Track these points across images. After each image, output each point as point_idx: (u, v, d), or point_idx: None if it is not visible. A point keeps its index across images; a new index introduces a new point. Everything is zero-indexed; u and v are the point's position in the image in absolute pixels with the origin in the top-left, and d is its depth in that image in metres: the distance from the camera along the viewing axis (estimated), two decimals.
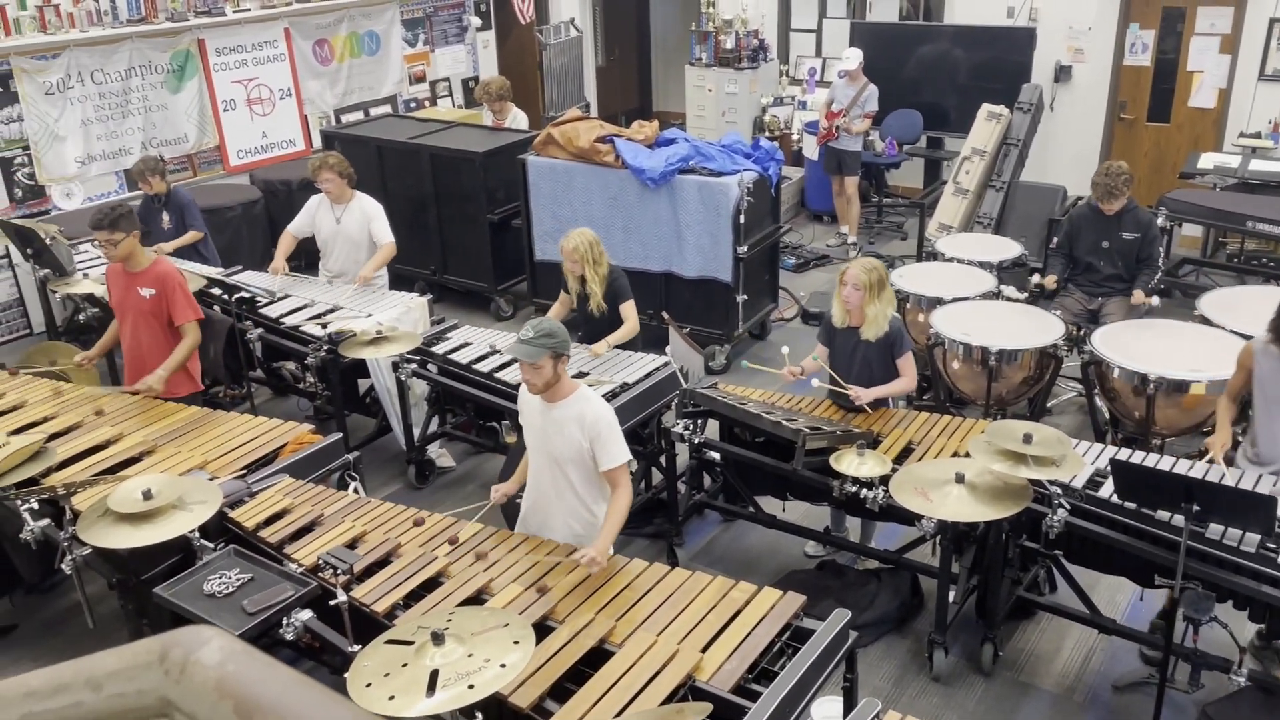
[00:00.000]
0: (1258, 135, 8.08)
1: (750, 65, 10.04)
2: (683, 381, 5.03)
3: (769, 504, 4.92)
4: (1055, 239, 6.10)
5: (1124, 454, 4.11)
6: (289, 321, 5.65)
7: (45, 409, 4.66)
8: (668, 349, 5.36)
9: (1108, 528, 3.82)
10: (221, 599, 3.34)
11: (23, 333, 7.64)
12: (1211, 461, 4.05)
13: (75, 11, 7.56)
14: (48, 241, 6.19)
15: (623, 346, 5.30)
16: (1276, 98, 8.09)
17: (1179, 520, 3.51)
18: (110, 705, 0.73)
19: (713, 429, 4.99)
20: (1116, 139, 9.06)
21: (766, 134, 9.95)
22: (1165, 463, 4.04)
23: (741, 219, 6.53)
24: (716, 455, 4.88)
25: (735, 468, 4.85)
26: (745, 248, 6.62)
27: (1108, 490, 3.87)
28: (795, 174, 9.70)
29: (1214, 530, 3.61)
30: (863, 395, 4.51)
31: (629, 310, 5.32)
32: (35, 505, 3.88)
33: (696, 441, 4.81)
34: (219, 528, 3.79)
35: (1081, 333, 5.60)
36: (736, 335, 6.90)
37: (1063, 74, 8.93)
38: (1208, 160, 7.83)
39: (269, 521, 3.82)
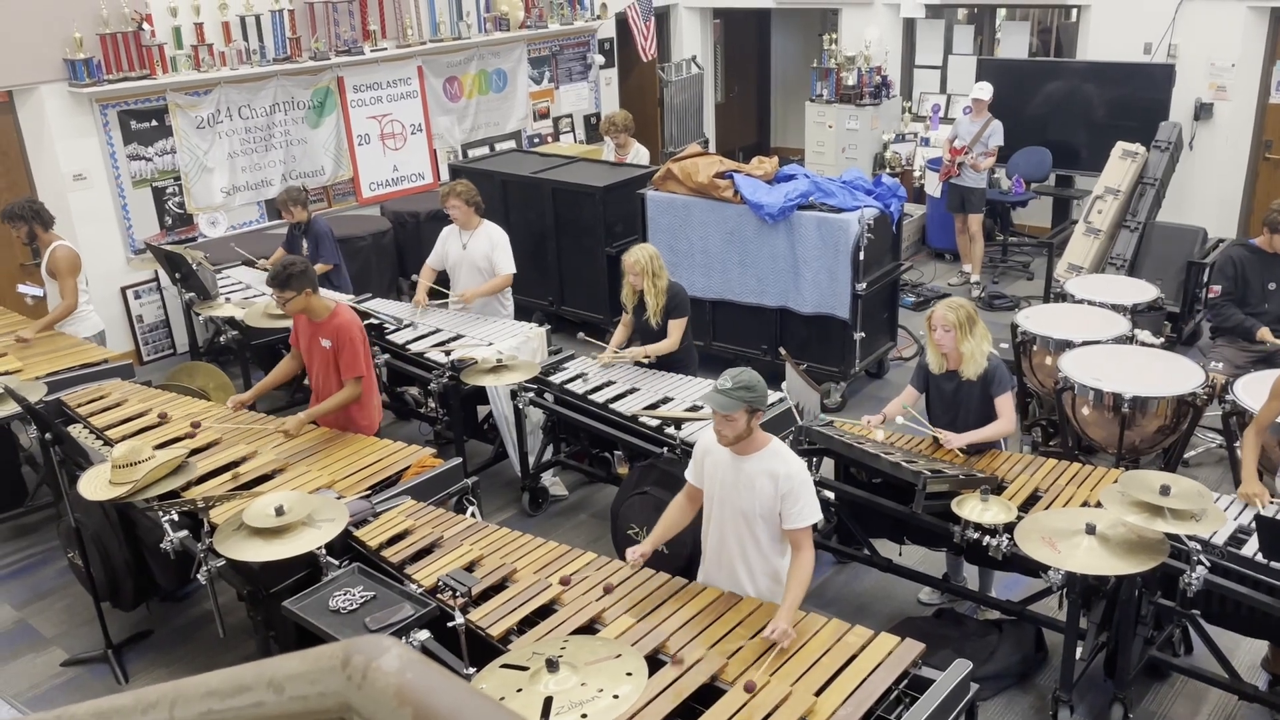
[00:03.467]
0: None
1: (872, 101, 9.96)
2: (798, 418, 4.98)
3: (884, 547, 4.81)
4: (1217, 288, 5.70)
5: (1270, 510, 3.87)
6: (414, 348, 5.84)
7: (188, 425, 4.90)
8: (784, 385, 5.32)
9: (1251, 588, 3.61)
10: (345, 615, 3.44)
11: (167, 352, 8.09)
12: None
13: (227, 50, 8.04)
14: (194, 266, 6.55)
15: (664, 365, 5.47)
16: None
17: None
18: (291, 707, 0.77)
19: (828, 467, 4.91)
20: (1261, 179, 8.64)
21: (888, 170, 9.83)
22: None
23: (861, 255, 6.46)
24: (831, 495, 4.80)
25: (850, 508, 4.76)
26: (864, 285, 6.54)
27: (1251, 548, 3.66)
28: (917, 211, 9.55)
29: None
30: (953, 440, 4.35)
31: (676, 328, 5.48)
32: (175, 517, 4.07)
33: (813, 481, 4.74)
34: (344, 546, 3.91)
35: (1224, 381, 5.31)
36: (853, 373, 6.80)
37: (1203, 111, 8.58)
38: None
39: (391, 542, 3.92)
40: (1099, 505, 3.77)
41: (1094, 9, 9.02)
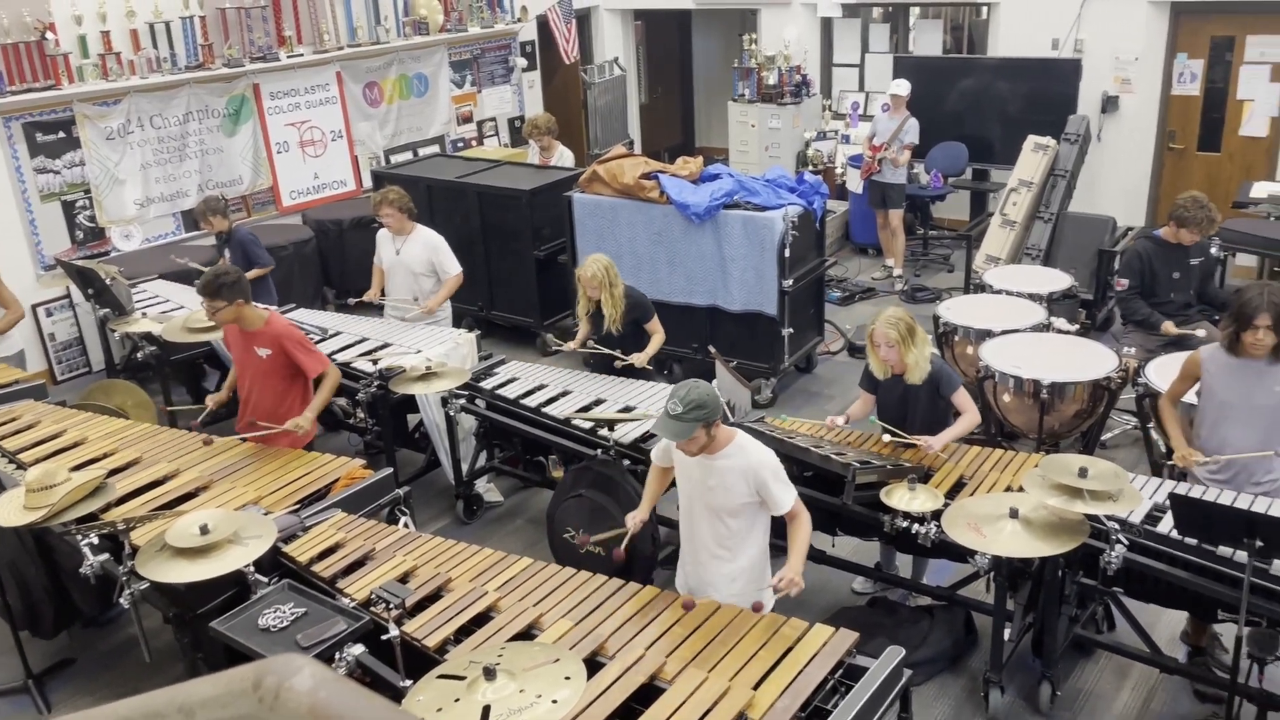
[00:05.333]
0: None
1: (793, 100, 10.09)
2: (730, 415, 5.01)
3: (818, 539, 4.87)
4: (1124, 282, 5.87)
5: (1183, 488, 4.02)
6: (340, 358, 5.74)
7: (105, 445, 4.76)
8: (714, 383, 5.35)
9: (1167, 564, 3.74)
10: (276, 633, 3.37)
11: (82, 371, 7.84)
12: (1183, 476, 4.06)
13: (136, 59, 7.82)
14: (108, 282, 6.36)
15: (641, 375, 5.47)
16: None
17: (1241, 556, 3.43)
18: None
19: None
20: (1166, 168, 8.96)
21: (810, 168, 9.97)
22: (1226, 497, 3.95)
23: (786, 253, 6.54)
24: None
25: None
26: (790, 281, 6.62)
27: (1167, 525, 3.79)
28: (839, 207, 9.70)
29: (1278, 566, 3.51)
30: (934, 444, 4.37)
31: (655, 325, 5.57)
32: (95, 540, 3.95)
33: None
34: (273, 562, 3.83)
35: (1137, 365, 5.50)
36: (783, 369, 6.88)
37: (1110, 105, 8.87)
38: (1261, 189, 7.71)
39: (322, 556, 3.85)
40: (1021, 490, 3.87)
41: (1003, 7, 9.26)
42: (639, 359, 5.42)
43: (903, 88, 8.52)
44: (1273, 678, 3.78)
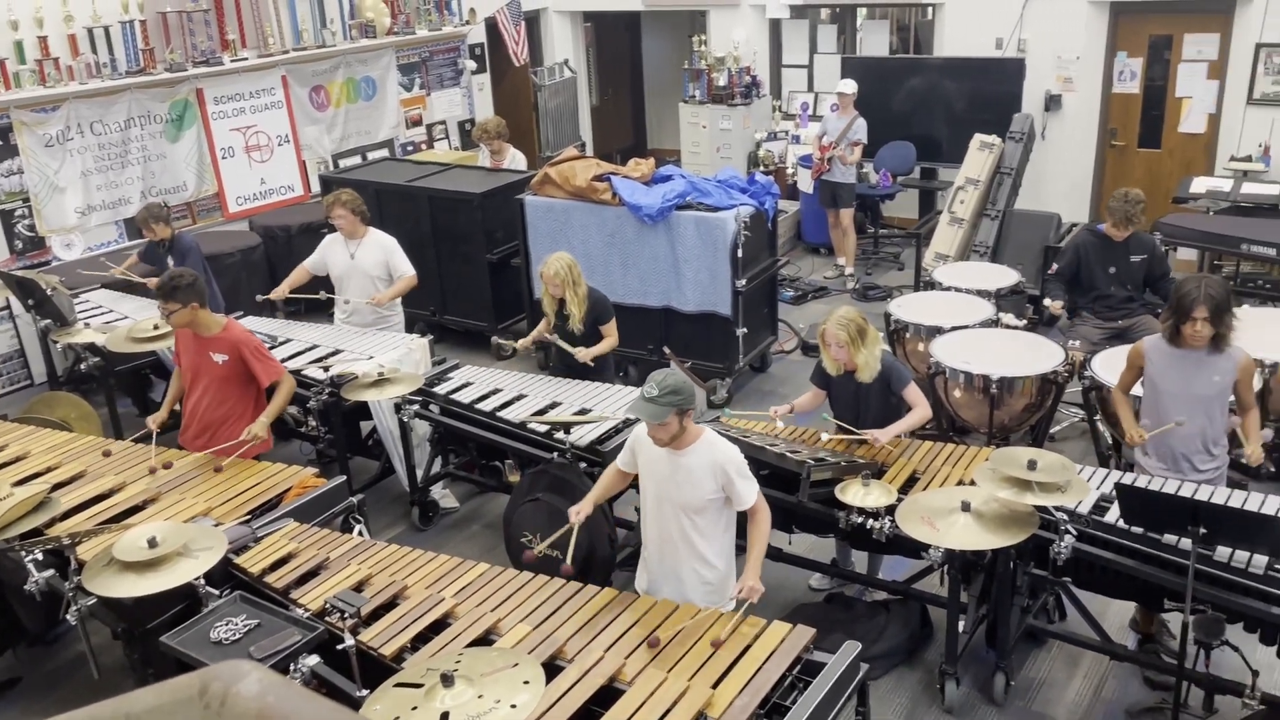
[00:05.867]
0: (1248, 159, 8.16)
1: (743, 101, 10.15)
2: None
3: (775, 537, 4.89)
4: (1055, 265, 6.08)
5: (1129, 478, 4.11)
6: (291, 365, 5.65)
7: (49, 459, 4.66)
8: None
9: (1115, 553, 3.81)
10: (228, 646, 3.32)
11: (24, 384, 7.65)
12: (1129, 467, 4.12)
13: (75, 64, 7.65)
14: (49, 292, 6.21)
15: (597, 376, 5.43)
16: (1265, 121, 8.17)
17: (1186, 544, 3.51)
18: None
19: None
20: (1109, 165, 9.14)
21: (761, 168, 10.03)
22: (1170, 486, 4.03)
23: (739, 253, 6.57)
24: None
25: None
26: (744, 281, 6.65)
27: (1114, 515, 3.87)
28: (791, 207, 9.77)
29: (1222, 553, 3.60)
30: (881, 437, 4.44)
31: (612, 328, 5.54)
32: (39, 556, 3.86)
33: None
34: (224, 574, 3.77)
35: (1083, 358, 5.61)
36: (737, 368, 6.92)
37: (1053, 103, 9.03)
38: (1200, 185, 7.90)
39: (274, 566, 3.80)
40: (973, 483, 3.93)
41: (948, 7, 9.39)
42: (583, 353, 5.39)
43: (849, 87, 8.61)
44: (1219, 663, 3.87)
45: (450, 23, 10.28)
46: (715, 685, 3.05)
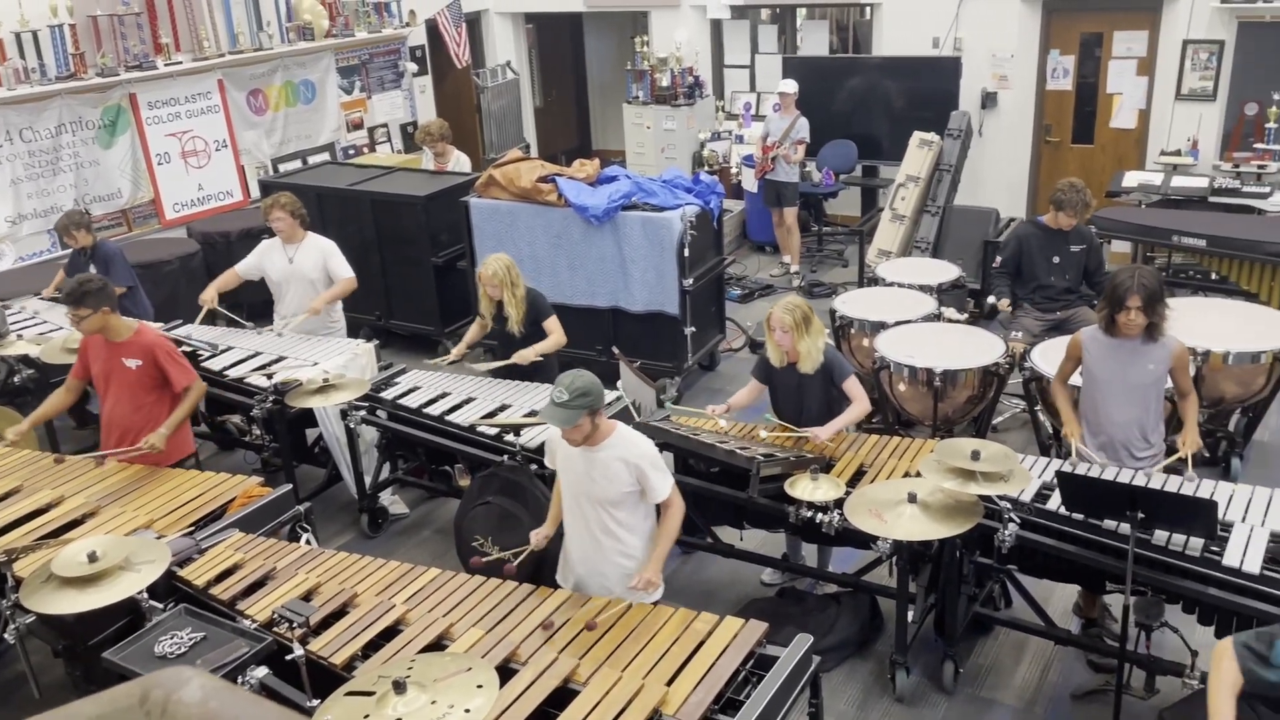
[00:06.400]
0: (1177, 153, 8.39)
1: (687, 102, 10.19)
2: (635, 415, 5.04)
3: (726, 534, 4.94)
4: (999, 258, 6.18)
5: (1069, 466, 4.20)
6: (233, 374, 5.58)
7: None
8: (619, 384, 5.37)
9: (1057, 539, 3.89)
10: (173, 660, 3.25)
11: None
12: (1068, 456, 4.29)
13: (2, 70, 7.45)
14: None
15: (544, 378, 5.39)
16: (1193, 116, 8.41)
17: (1125, 528, 3.59)
18: None
19: (667, 460, 4.99)
20: (1044, 160, 9.33)
21: (706, 168, 10.08)
22: (1109, 472, 4.13)
23: (686, 252, 6.60)
24: None
25: (692, 499, 4.83)
26: (691, 280, 6.68)
27: (1055, 502, 3.95)
28: (736, 206, 9.83)
29: (1160, 536, 3.69)
30: (821, 435, 4.50)
31: (553, 324, 5.48)
32: None
33: None
34: (168, 587, 3.70)
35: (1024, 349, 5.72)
36: (686, 367, 6.94)
37: (989, 100, 9.20)
38: (1132, 179, 8.11)
39: (220, 578, 3.74)
40: (918, 475, 3.99)
41: (885, 7, 9.52)
42: (524, 355, 5.35)
43: (791, 86, 8.68)
44: (1159, 644, 3.97)
45: (390, 25, 10.18)
46: (670, 682, 3.06)
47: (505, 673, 3.12)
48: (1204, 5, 8.15)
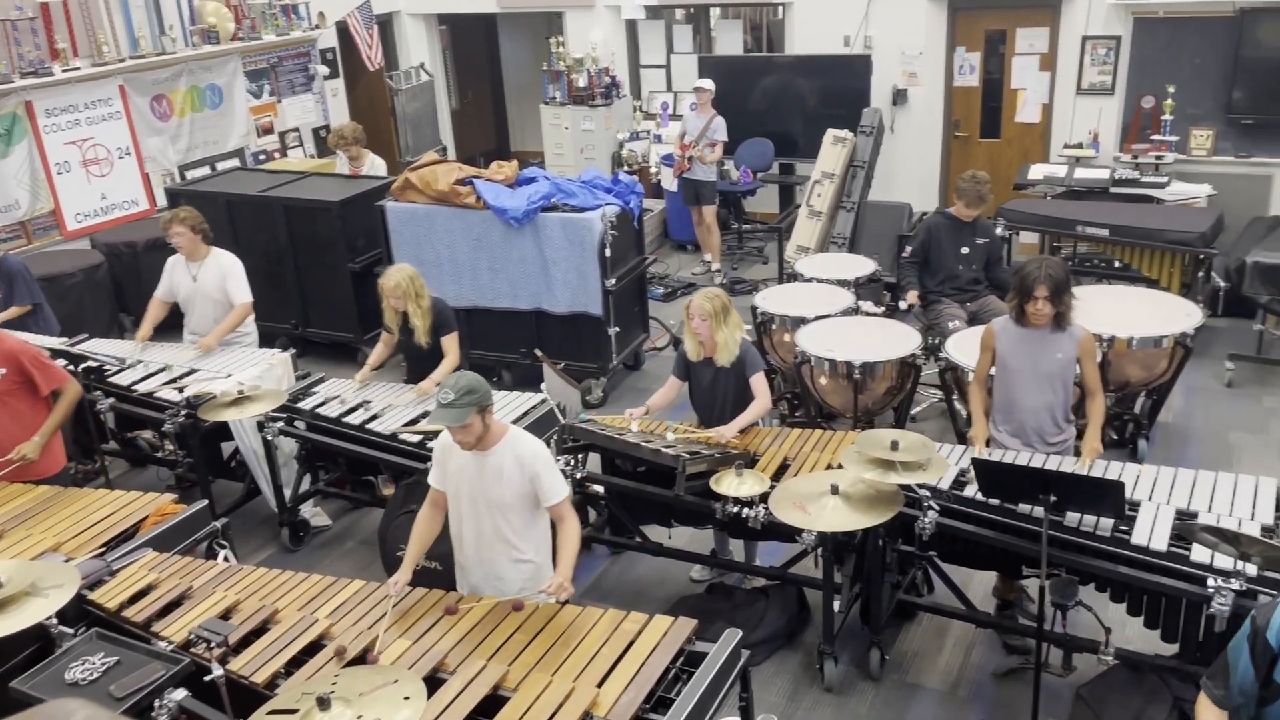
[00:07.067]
0: (1080, 145, 8.66)
1: (604, 102, 10.19)
2: (560, 418, 5.03)
3: (654, 533, 4.95)
4: (908, 248, 6.32)
5: (984, 453, 4.30)
6: (142, 388, 5.41)
7: None
8: (543, 386, 5.36)
9: (975, 525, 3.99)
10: (85, 687, 3.14)
11: None
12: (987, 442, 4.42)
13: None
14: None
15: None
16: (1093, 110, 8.70)
17: (1039, 512, 3.70)
18: None
19: (594, 463, 4.99)
20: (954, 155, 9.56)
21: (625, 168, 10.10)
22: (1022, 458, 4.25)
23: (607, 252, 6.60)
24: (600, 489, 4.89)
25: (619, 499, 4.87)
26: (613, 280, 6.68)
27: (972, 489, 4.04)
28: (656, 206, 9.87)
29: (1071, 518, 3.81)
30: (725, 433, 4.57)
31: (451, 343, 5.33)
32: None
33: (578, 477, 4.80)
34: (79, 612, 3.57)
35: (935, 341, 5.85)
36: (611, 368, 6.94)
37: (899, 97, 9.38)
38: (1037, 171, 8.35)
39: (133, 600, 3.62)
40: (841, 467, 4.05)
41: (796, 6, 9.65)
42: (422, 387, 5.21)
43: (707, 84, 8.74)
44: (1075, 622, 4.10)
45: (299, 27, 9.97)
46: (600, 684, 3.05)
47: (434, 682, 3.08)
48: (1101, 2, 8.43)
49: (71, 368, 5.44)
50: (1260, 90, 8.02)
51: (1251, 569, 3.42)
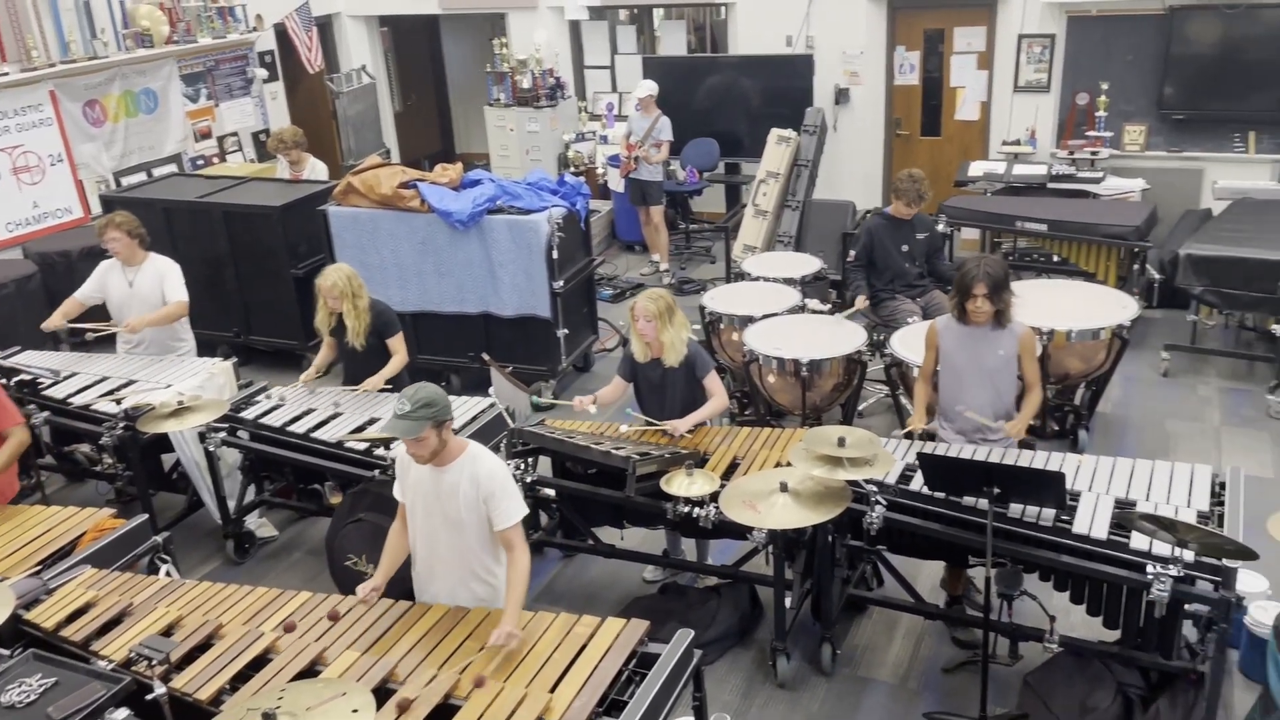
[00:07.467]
0: (1018, 142, 8.81)
1: (549, 103, 10.16)
2: (510, 422, 4.99)
3: (607, 534, 4.94)
4: (852, 253, 6.38)
5: (929, 447, 4.36)
6: (78, 401, 5.28)
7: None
8: (490, 390, 5.32)
9: (922, 518, 4.04)
10: (23, 709, 3.05)
11: None
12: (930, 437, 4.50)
13: None
14: None
15: (390, 383, 5.24)
16: (1030, 107, 8.85)
17: (984, 504, 3.75)
18: None
19: (545, 466, 4.97)
20: (896, 153, 9.67)
21: (571, 169, 10.07)
22: (966, 451, 4.31)
23: (554, 254, 6.58)
24: (551, 492, 4.87)
25: (571, 502, 4.85)
26: (561, 282, 6.66)
27: (918, 483, 4.10)
28: (604, 206, 9.86)
29: (1015, 510, 3.87)
30: (679, 427, 4.59)
31: (397, 343, 5.28)
32: None
33: (529, 480, 4.77)
34: (14, 632, 3.48)
35: (880, 337, 5.92)
36: (561, 370, 6.92)
37: (842, 96, 9.48)
38: (977, 168, 8.49)
39: (71, 618, 3.53)
40: (790, 464, 4.07)
41: (739, 6, 9.70)
42: (369, 384, 5.16)
43: (646, 89, 8.73)
44: (1020, 611, 4.17)
45: (235, 30, 9.80)
46: (553, 689, 3.04)
47: (384, 694, 3.05)
48: (1036, 1, 8.59)
49: (4, 381, 5.30)
50: (1190, 86, 8.23)
51: (1189, 555, 3.50)
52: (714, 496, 4.13)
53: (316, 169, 8.05)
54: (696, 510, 4.21)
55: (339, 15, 11.16)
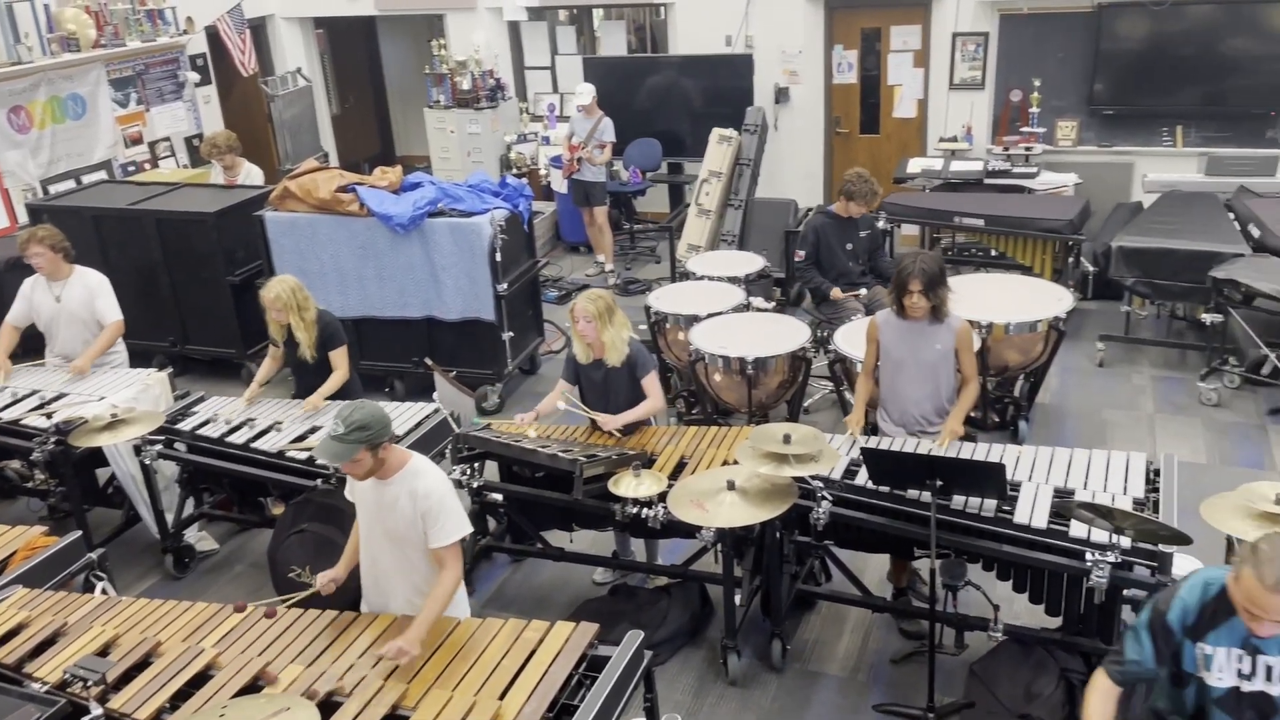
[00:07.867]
0: (954, 139, 8.95)
1: (489, 104, 10.09)
2: (455, 427, 4.95)
3: (556, 538, 4.92)
4: (800, 254, 6.38)
5: (873, 442, 4.40)
6: (6, 416, 5.12)
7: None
8: (435, 395, 5.27)
9: (867, 513, 4.08)
10: None
11: None
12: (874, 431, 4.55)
13: None
14: None
15: (337, 395, 5.12)
16: (965, 104, 9.00)
17: (926, 496, 3.80)
18: None
19: (492, 471, 4.93)
20: (836, 152, 9.77)
21: (513, 171, 10.02)
22: (909, 445, 4.36)
23: (498, 257, 6.53)
24: (498, 496, 4.83)
25: (518, 506, 4.82)
26: (505, 285, 6.61)
27: (863, 478, 4.13)
28: (547, 208, 9.82)
29: (958, 501, 3.92)
30: (611, 422, 4.60)
31: (339, 357, 5.17)
32: None
33: (475, 485, 4.73)
34: None
35: (823, 334, 5.97)
36: (507, 373, 6.87)
37: (782, 95, 9.54)
38: (915, 165, 8.61)
39: (3, 640, 3.41)
40: (736, 462, 4.09)
41: (678, 6, 9.72)
42: (311, 402, 5.05)
43: (586, 95, 8.70)
44: (965, 601, 4.22)
45: (165, 33, 9.58)
46: (502, 696, 3.01)
47: (330, 707, 3.00)
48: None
49: None
50: (1119, 82, 8.43)
51: (1126, 541, 3.58)
52: (662, 497, 4.13)
53: (252, 174, 7.90)
54: (645, 511, 4.21)
55: (273, 17, 10.97)
